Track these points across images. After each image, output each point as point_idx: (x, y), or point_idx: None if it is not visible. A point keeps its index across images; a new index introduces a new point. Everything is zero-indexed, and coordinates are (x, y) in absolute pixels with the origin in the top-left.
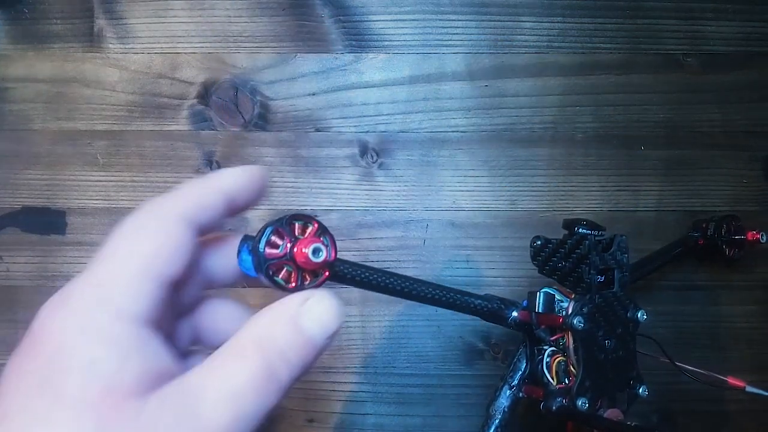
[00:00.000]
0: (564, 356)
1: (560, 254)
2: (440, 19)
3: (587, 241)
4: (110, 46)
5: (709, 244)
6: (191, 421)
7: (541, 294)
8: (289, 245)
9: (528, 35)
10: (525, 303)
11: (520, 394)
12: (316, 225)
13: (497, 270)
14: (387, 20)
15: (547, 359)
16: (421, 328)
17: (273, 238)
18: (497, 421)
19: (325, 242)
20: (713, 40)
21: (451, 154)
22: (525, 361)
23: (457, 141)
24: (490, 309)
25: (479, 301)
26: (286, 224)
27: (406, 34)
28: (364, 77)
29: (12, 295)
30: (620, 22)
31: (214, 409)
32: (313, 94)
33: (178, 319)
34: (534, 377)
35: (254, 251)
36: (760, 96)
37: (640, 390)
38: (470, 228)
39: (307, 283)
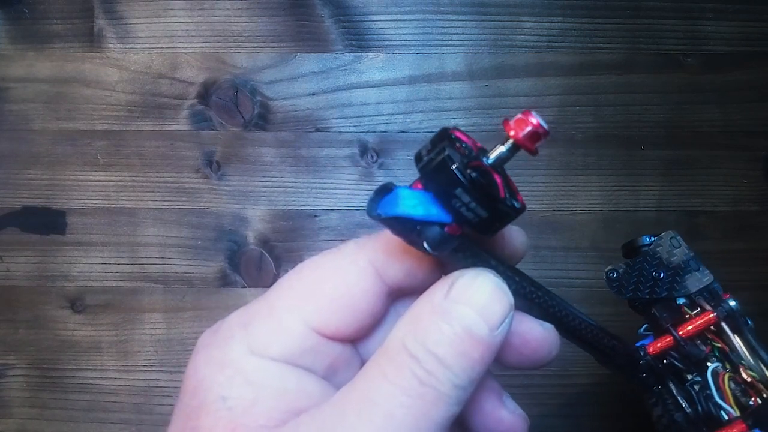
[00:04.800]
0: (729, 366)
1: (651, 267)
2: (440, 19)
3: (672, 242)
4: (110, 46)
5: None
6: None
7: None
8: (472, 144)
9: (528, 35)
10: (642, 333)
11: None
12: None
13: None
14: (387, 20)
15: (714, 386)
16: None
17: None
18: None
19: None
20: (713, 40)
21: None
22: (681, 412)
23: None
24: (623, 349)
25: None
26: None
27: (406, 34)
28: (364, 77)
29: (12, 295)
30: (620, 22)
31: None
32: (313, 94)
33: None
34: (707, 423)
35: (439, 153)
36: (760, 96)
37: None
38: None
39: (509, 194)
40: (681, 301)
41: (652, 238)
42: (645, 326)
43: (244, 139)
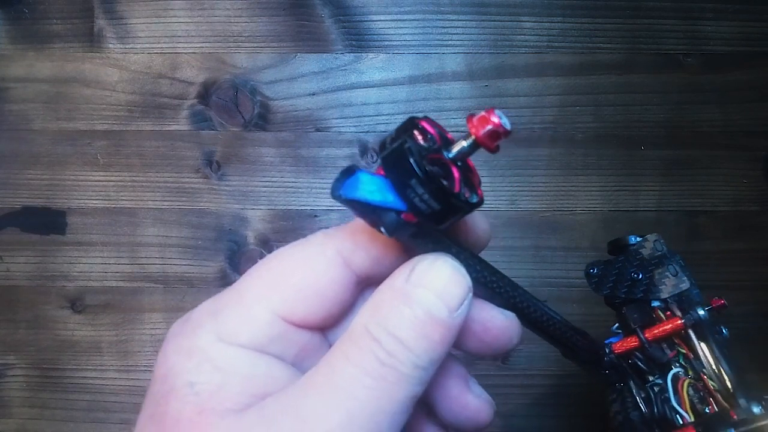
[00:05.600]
0: (691, 372)
1: (631, 267)
2: (440, 19)
3: (655, 245)
4: (110, 46)
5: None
6: (293, 426)
7: None
8: (438, 135)
9: (528, 35)
10: (614, 330)
11: None
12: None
13: None
14: (387, 20)
15: (672, 390)
16: None
17: (416, 132)
18: None
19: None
20: (713, 40)
21: None
22: (638, 411)
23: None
24: (587, 344)
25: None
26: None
27: (406, 34)
28: (364, 77)
29: (12, 295)
30: (620, 22)
31: (316, 413)
32: (313, 94)
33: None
34: (661, 425)
35: (400, 145)
36: (760, 96)
37: None
38: None
39: (467, 188)
40: (656, 303)
41: (638, 239)
42: (617, 325)
43: (244, 139)
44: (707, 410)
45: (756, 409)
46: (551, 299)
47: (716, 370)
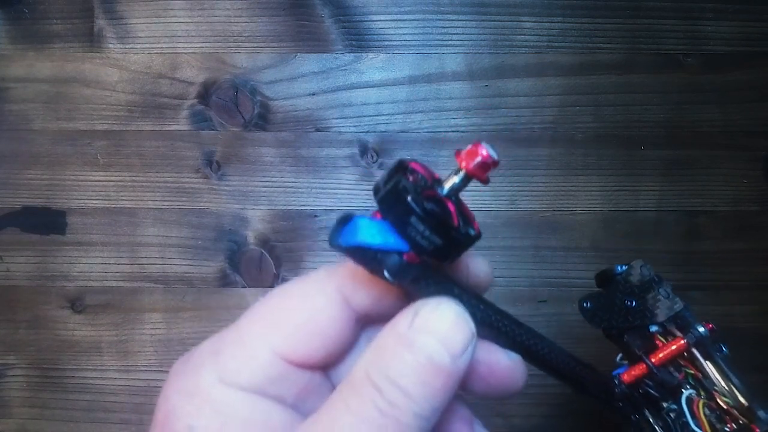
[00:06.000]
0: (703, 392)
1: (623, 296)
2: (440, 19)
3: (642, 271)
4: (110, 46)
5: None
6: None
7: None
8: (428, 175)
9: (528, 35)
10: (619, 362)
11: None
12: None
13: (497, 270)
14: (387, 20)
15: (689, 413)
16: None
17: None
18: None
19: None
20: (713, 40)
21: (451, 154)
22: None
23: (457, 141)
24: (596, 378)
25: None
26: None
27: (406, 34)
28: (364, 77)
29: (12, 295)
30: (620, 22)
31: None
32: (313, 94)
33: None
34: None
35: (395, 185)
36: (760, 96)
37: None
38: None
39: (464, 222)
40: (654, 329)
41: (624, 267)
42: (621, 355)
43: (244, 139)
44: (726, 428)
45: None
46: (551, 299)
47: (727, 387)
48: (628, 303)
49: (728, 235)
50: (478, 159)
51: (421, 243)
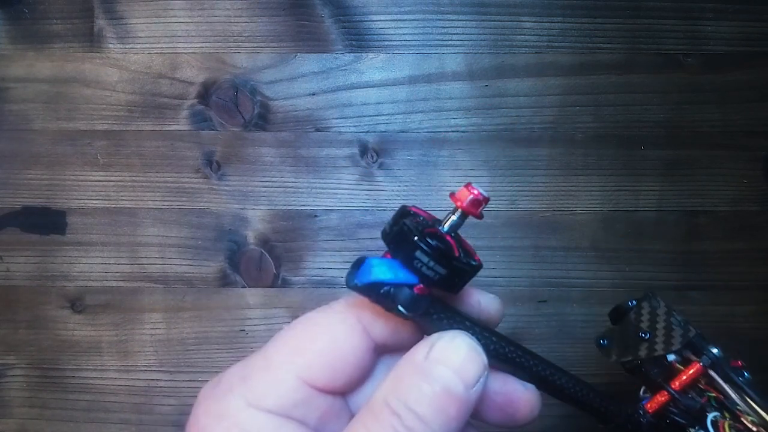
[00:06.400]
0: (727, 414)
1: (637, 329)
2: (440, 19)
3: (652, 303)
4: (110, 46)
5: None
6: None
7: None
8: (428, 217)
9: (528, 35)
10: (642, 395)
11: None
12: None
13: (497, 270)
14: (387, 20)
15: None
16: None
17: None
18: None
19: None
20: (713, 40)
21: (451, 154)
22: None
23: (457, 141)
24: (620, 410)
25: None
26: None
27: (406, 34)
28: (364, 77)
29: (12, 295)
30: (620, 22)
31: None
32: (313, 94)
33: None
34: None
35: (401, 227)
36: (760, 96)
37: None
38: (470, 228)
39: (465, 254)
40: (671, 357)
41: (634, 303)
42: (644, 388)
43: (244, 139)
44: None
45: None
46: (551, 299)
47: (750, 405)
48: (643, 335)
49: (728, 235)
50: (471, 197)
51: (428, 274)
